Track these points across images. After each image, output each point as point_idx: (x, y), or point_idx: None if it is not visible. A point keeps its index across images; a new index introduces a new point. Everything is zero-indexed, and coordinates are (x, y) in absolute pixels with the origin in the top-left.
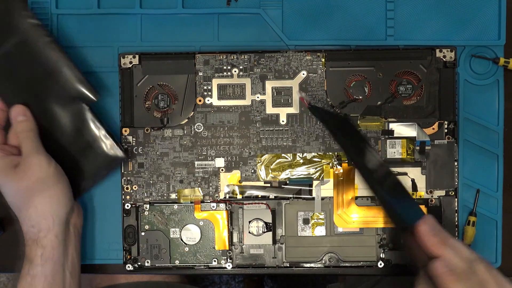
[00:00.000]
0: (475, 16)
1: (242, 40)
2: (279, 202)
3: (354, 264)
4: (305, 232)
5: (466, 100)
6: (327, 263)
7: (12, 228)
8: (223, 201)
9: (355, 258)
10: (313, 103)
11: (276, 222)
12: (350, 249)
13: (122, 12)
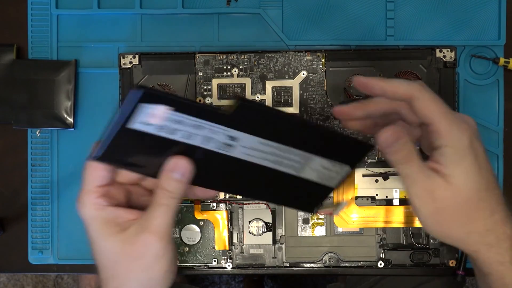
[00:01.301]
0: (475, 16)
1: (242, 40)
2: None
3: (354, 264)
4: (305, 232)
5: (466, 100)
6: (327, 263)
7: (12, 228)
8: (223, 201)
9: (355, 258)
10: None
11: (276, 222)
12: (350, 249)
13: (122, 12)
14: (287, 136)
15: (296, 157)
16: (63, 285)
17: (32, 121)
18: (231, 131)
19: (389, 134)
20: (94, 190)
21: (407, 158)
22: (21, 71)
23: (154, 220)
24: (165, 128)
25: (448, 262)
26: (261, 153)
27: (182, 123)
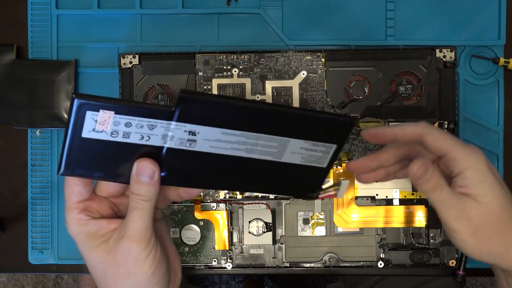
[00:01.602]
0: (475, 16)
1: (242, 40)
2: (279, 202)
3: (354, 264)
4: (305, 232)
5: (466, 100)
6: (327, 263)
7: (12, 228)
8: (223, 201)
9: (355, 258)
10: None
11: (276, 222)
12: (350, 249)
13: (122, 12)
14: (250, 123)
15: (269, 142)
16: (63, 285)
17: (32, 121)
18: (186, 125)
19: (418, 165)
20: (74, 206)
21: (437, 185)
22: (21, 71)
23: (129, 225)
24: (118, 133)
25: (448, 262)
26: (228, 143)
27: (132, 125)
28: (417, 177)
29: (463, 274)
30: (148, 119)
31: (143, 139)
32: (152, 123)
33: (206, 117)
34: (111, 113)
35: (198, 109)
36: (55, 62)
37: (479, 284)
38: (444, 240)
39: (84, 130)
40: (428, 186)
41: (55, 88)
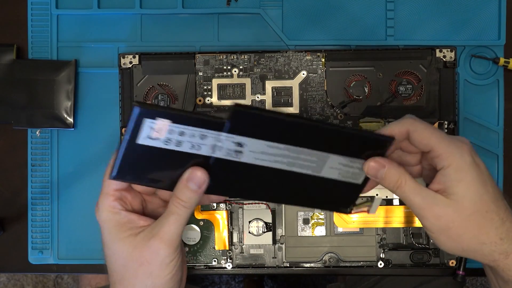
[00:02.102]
0: (475, 16)
1: (242, 40)
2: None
3: (354, 264)
4: (305, 232)
5: (466, 100)
6: (327, 263)
7: (12, 228)
8: (223, 201)
9: (355, 258)
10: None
11: (276, 222)
12: (350, 249)
13: (122, 12)
14: (294, 137)
15: (310, 157)
16: (63, 285)
17: (32, 121)
18: (235, 137)
19: (372, 163)
20: (111, 193)
21: (397, 183)
22: (21, 71)
23: (164, 227)
24: (171, 141)
25: (448, 262)
26: (272, 156)
27: (185, 134)
28: (372, 174)
29: (463, 274)
30: (201, 129)
31: (193, 148)
32: (204, 133)
33: (255, 130)
34: (168, 122)
35: (249, 123)
36: (55, 62)
37: (479, 284)
38: None
39: (140, 137)
40: (386, 184)
41: (55, 88)
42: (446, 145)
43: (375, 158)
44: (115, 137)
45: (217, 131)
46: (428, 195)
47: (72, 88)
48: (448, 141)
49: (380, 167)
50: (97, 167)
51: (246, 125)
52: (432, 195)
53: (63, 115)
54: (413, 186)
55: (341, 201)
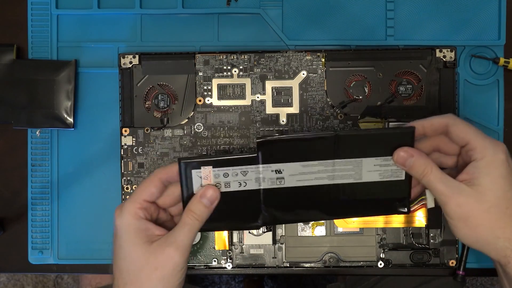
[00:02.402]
0: (475, 16)
1: (242, 40)
2: None
3: (354, 264)
4: (305, 232)
5: (466, 100)
6: (327, 263)
7: (12, 228)
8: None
9: (355, 258)
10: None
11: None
12: (350, 249)
13: (122, 12)
14: (323, 151)
15: (345, 166)
16: (63, 285)
17: (32, 121)
18: (271, 166)
19: (401, 153)
20: (138, 201)
21: (424, 172)
22: (21, 71)
23: (178, 236)
24: (220, 184)
25: (448, 262)
26: (311, 174)
27: (229, 175)
28: (400, 162)
29: (463, 274)
30: (239, 167)
31: (241, 186)
32: (243, 170)
33: (285, 155)
34: (210, 168)
35: (276, 150)
36: (55, 62)
37: (479, 284)
38: (444, 240)
39: (194, 187)
40: (413, 172)
41: (55, 88)
42: (482, 140)
43: (404, 148)
44: (115, 137)
45: (253, 164)
46: (452, 183)
47: (72, 88)
48: (485, 137)
49: (409, 157)
50: (97, 167)
51: (275, 152)
52: (456, 184)
53: (63, 115)
54: (439, 174)
55: (396, 202)
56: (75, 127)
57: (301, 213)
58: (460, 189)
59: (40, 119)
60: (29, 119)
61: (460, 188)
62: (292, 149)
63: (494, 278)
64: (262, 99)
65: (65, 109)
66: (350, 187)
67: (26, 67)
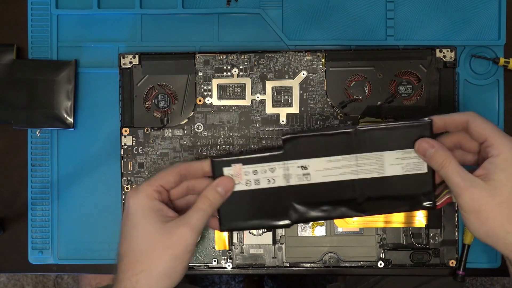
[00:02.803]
0: (475, 16)
1: (242, 40)
2: None
3: (354, 264)
4: (305, 232)
5: (466, 100)
6: (327, 263)
7: (12, 228)
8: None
9: (355, 258)
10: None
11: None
12: (350, 249)
13: (122, 12)
14: (347, 146)
15: (367, 160)
16: (63, 285)
17: (32, 121)
18: (297, 162)
19: (422, 143)
20: (155, 184)
21: (443, 163)
22: (21, 71)
23: (192, 219)
24: (251, 182)
25: (448, 262)
26: (336, 169)
27: (258, 172)
28: (421, 152)
29: (463, 274)
30: (267, 163)
31: (270, 183)
32: (271, 166)
33: (310, 151)
34: (239, 165)
35: (301, 146)
36: (55, 62)
37: (479, 284)
38: (444, 240)
39: None
40: (432, 162)
41: (55, 88)
42: (500, 137)
43: (426, 138)
44: (115, 137)
45: (280, 161)
46: (468, 177)
47: (72, 88)
48: (503, 134)
49: (429, 147)
50: (97, 167)
51: (299, 148)
52: (472, 178)
53: (63, 115)
54: (456, 167)
55: (421, 196)
56: (75, 127)
57: (329, 209)
58: (475, 183)
59: (40, 119)
60: (29, 119)
61: (475, 182)
62: (316, 145)
63: (494, 278)
64: (262, 99)
65: (65, 109)
66: (375, 182)
67: (26, 67)
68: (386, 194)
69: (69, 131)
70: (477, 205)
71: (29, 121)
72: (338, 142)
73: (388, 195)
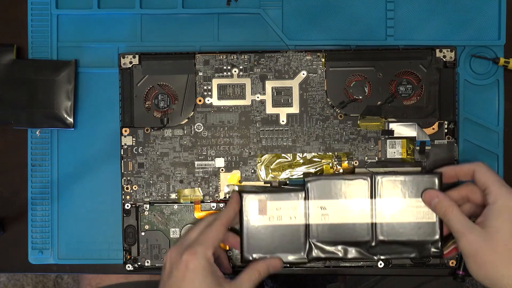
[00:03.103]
0: (475, 16)
1: (242, 40)
2: None
3: (354, 264)
4: None
5: (466, 100)
6: (327, 263)
7: (12, 228)
8: (223, 201)
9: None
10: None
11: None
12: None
13: (122, 12)
14: (363, 191)
15: (382, 205)
16: (63, 285)
17: (32, 121)
18: (316, 202)
19: (427, 194)
20: (212, 247)
21: (446, 212)
22: (21, 71)
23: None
24: (274, 217)
25: (448, 262)
26: (352, 212)
27: (281, 208)
28: (426, 202)
29: (463, 274)
30: (289, 201)
31: (291, 219)
32: (294, 204)
33: (330, 192)
34: (266, 201)
35: (322, 187)
36: (55, 62)
37: (479, 284)
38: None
39: (251, 219)
40: (436, 211)
41: (55, 88)
42: (498, 186)
43: (431, 189)
44: (115, 137)
45: (303, 200)
46: (467, 223)
47: (72, 88)
48: (502, 184)
49: (434, 197)
50: (97, 167)
51: (320, 189)
52: (471, 224)
53: (63, 115)
54: (457, 215)
55: (429, 244)
56: (75, 127)
57: (343, 250)
58: (472, 229)
59: (40, 119)
60: (29, 119)
61: (473, 228)
62: (336, 187)
63: None
64: (262, 99)
65: (65, 109)
66: (388, 227)
67: (26, 67)
68: (398, 239)
69: (69, 131)
70: (474, 249)
71: (29, 121)
72: (356, 186)
73: (400, 240)
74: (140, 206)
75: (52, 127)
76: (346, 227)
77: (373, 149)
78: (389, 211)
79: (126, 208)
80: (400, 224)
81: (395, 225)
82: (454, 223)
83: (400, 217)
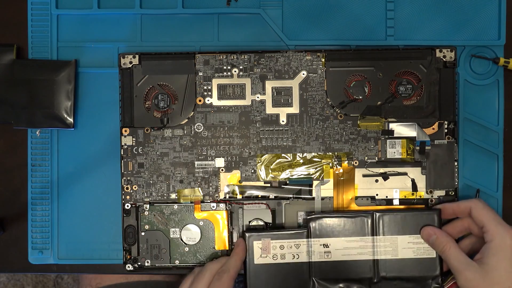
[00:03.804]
0: (475, 16)
1: (242, 40)
2: (279, 202)
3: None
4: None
5: (466, 100)
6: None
7: (12, 228)
8: (223, 201)
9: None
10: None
11: (276, 222)
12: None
13: (122, 12)
14: (365, 229)
15: (383, 243)
16: (63, 285)
17: (32, 121)
18: (319, 240)
19: (425, 231)
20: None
21: (444, 248)
22: (21, 71)
23: None
24: (277, 256)
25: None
26: (354, 249)
27: (284, 247)
28: (425, 239)
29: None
30: (292, 240)
31: (294, 258)
32: (297, 243)
33: (331, 230)
34: (268, 240)
35: (324, 225)
36: (55, 62)
37: None
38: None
39: (255, 258)
40: (435, 247)
41: (55, 88)
42: (495, 225)
43: (430, 226)
44: (115, 137)
45: (305, 238)
46: (465, 261)
47: (72, 88)
48: (499, 222)
49: (432, 234)
50: (97, 167)
51: (322, 228)
52: (468, 261)
53: (63, 115)
54: (455, 252)
55: (430, 279)
56: (75, 127)
57: (346, 287)
58: (470, 266)
59: (40, 119)
60: (29, 119)
61: (470, 265)
62: (337, 226)
63: None
64: (262, 99)
65: (65, 109)
66: (389, 263)
67: (26, 67)
68: (400, 275)
69: (69, 131)
70: (471, 286)
71: (29, 121)
72: (357, 224)
73: (401, 276)
74: (140, 206)
75: (52, 127)
76: (348, 264)
77: (373, 149)
78: (390, 248)
79: (126, 208)
80: (401, 260)
81: (397, 261)
82: (452, 260)
83: (401, 253)
